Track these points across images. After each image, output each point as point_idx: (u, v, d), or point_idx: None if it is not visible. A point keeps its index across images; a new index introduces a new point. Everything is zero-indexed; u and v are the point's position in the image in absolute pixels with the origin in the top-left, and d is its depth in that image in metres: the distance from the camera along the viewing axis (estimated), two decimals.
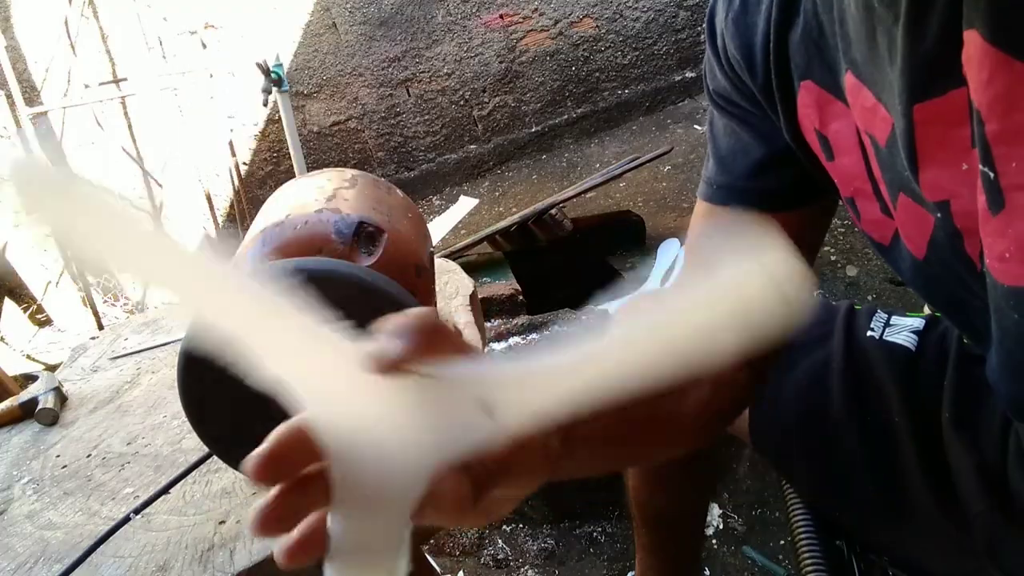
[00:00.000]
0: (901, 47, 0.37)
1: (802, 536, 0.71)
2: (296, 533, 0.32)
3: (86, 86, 2.93)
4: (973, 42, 0.33)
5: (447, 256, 2.06)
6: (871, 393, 0.67)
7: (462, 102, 3.46)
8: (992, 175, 0.34)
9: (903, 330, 0.70)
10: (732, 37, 0.52)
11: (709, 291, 0.28)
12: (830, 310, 0.75)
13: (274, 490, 0.32)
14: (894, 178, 0.43)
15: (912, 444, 0.62)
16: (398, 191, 0.83)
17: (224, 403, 0.64)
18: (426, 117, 3.44)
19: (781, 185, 0.55)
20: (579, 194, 2.33)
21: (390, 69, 3.33)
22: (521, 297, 1.89)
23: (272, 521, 0.31)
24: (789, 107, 0.50)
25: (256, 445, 0.70)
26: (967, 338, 0.57)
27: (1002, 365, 0.42)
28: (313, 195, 0.78)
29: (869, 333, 0.71)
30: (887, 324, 0.71)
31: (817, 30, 0.45)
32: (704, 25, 0.58)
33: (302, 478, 0.32)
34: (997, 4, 0.31)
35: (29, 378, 1.07)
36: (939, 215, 0.40)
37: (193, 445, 0.81)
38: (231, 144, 2.93)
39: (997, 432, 0.57)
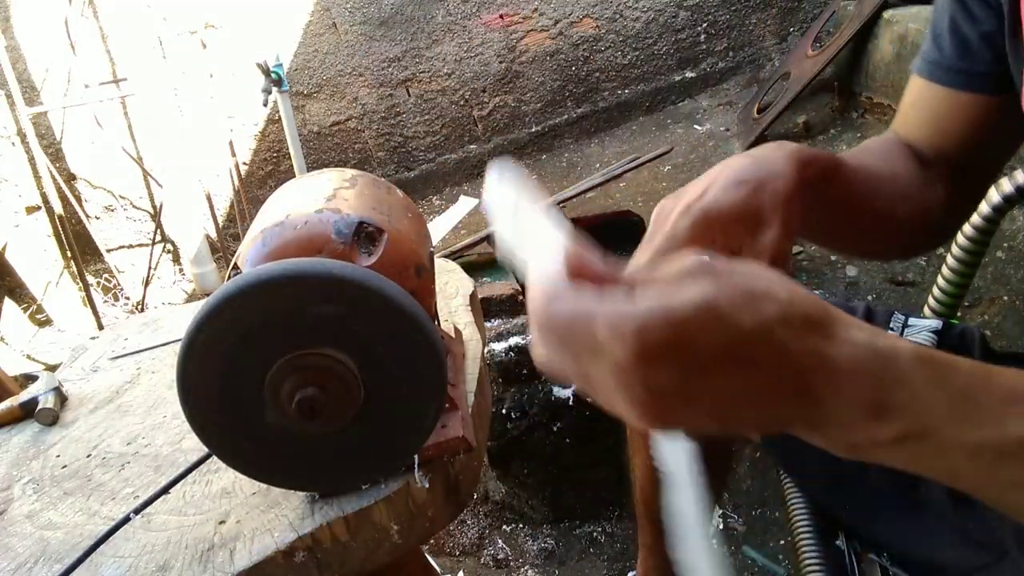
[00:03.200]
0: None
1: (802, 536, 0.71)
2: None
3: (86, 86, 2.93)
4: None
5: (447, 256, 2.06)
6: None
7: (462, 102, 3.46)
8: None
9: (922, 331, 0.70)
10: None
11: None
12: (847, 311, 0.75)
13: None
14: None
15: None
16: (398, 191, 0.83)
17: (223, 403, 0.64)
18: (426, 117, 3.44)
19: (986, 67, 0.58)
20: (579, 194, 2.33)
21: (390, 69, 3.33)
22: (521, 297, 1.89)
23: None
24: None
25: (255, 445, 0.70)
26: None
27: None
28: (313, 195, 0.78)
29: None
30: (905, 325, 0.72)
31: None
32: None
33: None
34: None
35: (29, 378, 1.07)
36: None
37: (193, 445, 0.81)
38: (231, 144, 2.93)
39: None
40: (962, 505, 0.60)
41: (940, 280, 0.98)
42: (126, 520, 0.68)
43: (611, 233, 2.44)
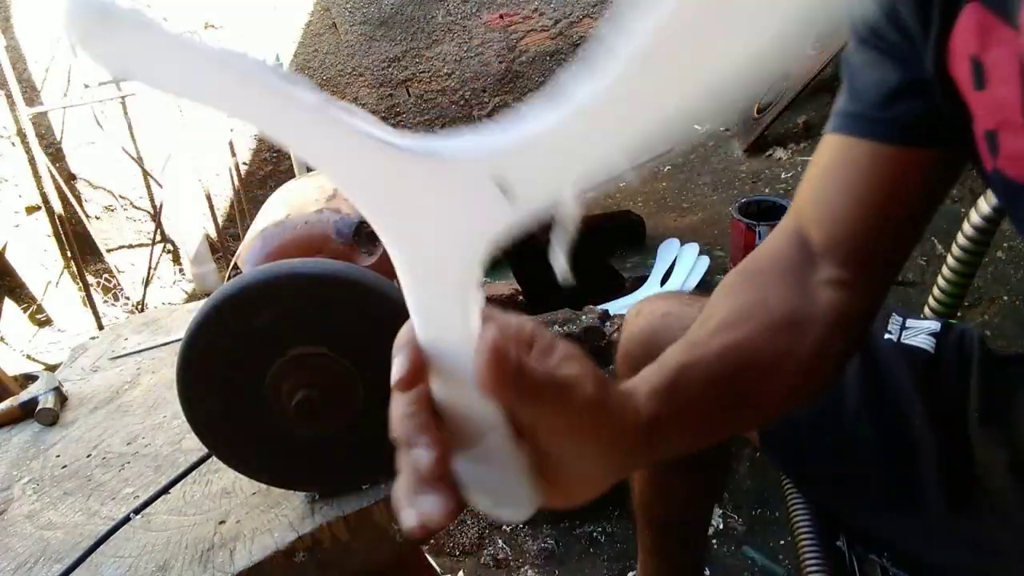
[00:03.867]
0: None
1: (802, 536, 0.71)
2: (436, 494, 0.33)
3: (86, 86, 2.93)
4: None
5: None
6: (889, 395, 0.67)
7: (462, 102, 3.46)
8: None
9: (920, 333, 0.70)
10: None
11: None
12: None
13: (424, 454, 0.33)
14: None
15: (931, 445, 0.63)
16: None
17: (223, 403, 0.64)
18: (426, 117, 3.44)
19: (912, 117, 0.53)
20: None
21: (390, 69, 3.33)
22: (521, 297, 1.89)
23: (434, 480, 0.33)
24: (944, 30, 0.48)
25: (254, 445, 0.70)
26: None
27: None
28: (313, 195, 0.78)
29: (887, 336, 0.71)
30: (903, 327, 0.71)
31: None
32: None
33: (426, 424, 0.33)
34: None
35: (29, 378, 1.07)
36: None
37: (193, 445, 0.81)
38: (231, 144, 2.93)
39: None
40: (959, 507, 0.60)
41: (940, 280, 0.98)
42: (126, 520, 0.68)
43: (611, 233, 2.44)
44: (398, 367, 0.33)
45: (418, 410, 0.33)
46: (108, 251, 3.04)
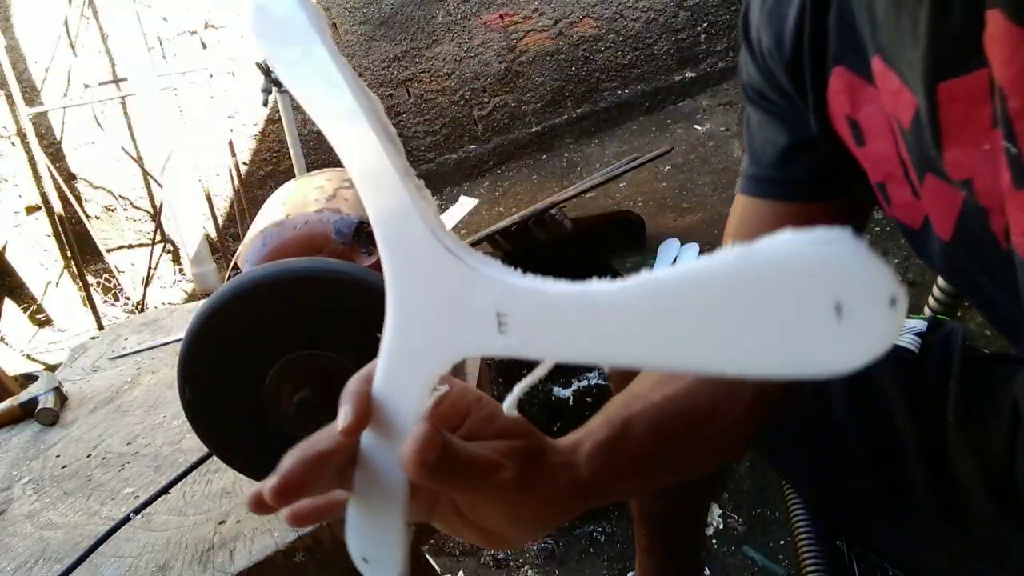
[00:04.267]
0: (926, 27, 0.38)
1: (802, 536, 0.71)
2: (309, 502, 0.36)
3: (86, 86, 2.93)
4: (995, 21, 0.34)
5: None
6: (873, 395, 0.67)
7: (462, 102, 3.46)
8: (1015, 151, 0.35)
9: (905, 332, 0.69)
10: (765, 28, 0.53)
11: (747, 267, 0.22)
12: None
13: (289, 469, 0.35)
14: (921, 159, 0.43)
15: (916, 446, 0.62)
16: None
17: (223, 402, 0.64)
18: (426, 117, 3.44)
19: (807, 174, 0.55)
20: (579, 194, 2.33)
21: (390, 69, 3.33)
22: None
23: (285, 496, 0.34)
24: (819, 94, 0.50)
25: (255, 445, 0.70)
26: (1000, 333, 0.57)
27: None
28: (313, 195, 0.78)
29: None
30: None
31: (850, 14, 0.46)
32: (739, 21, 0.58)
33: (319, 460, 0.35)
34: None
35: (29, 378, 1.07)
36: (966, 192, 0.41)
37: (193, 445, 0.81)
38: (231, 144, 2.93)
39: (1004, 435, 0.57)
40: (948, 512, 0.60)
41: (940, 280, 0.99)
42: (126, 520, 0.68)
43: (611, 233, 2.44)
44: (345, 416, 0.35)
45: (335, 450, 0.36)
46: (108, 251, 3.04)
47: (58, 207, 2.72)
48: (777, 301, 0.21)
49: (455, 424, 0.40)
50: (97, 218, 3.14)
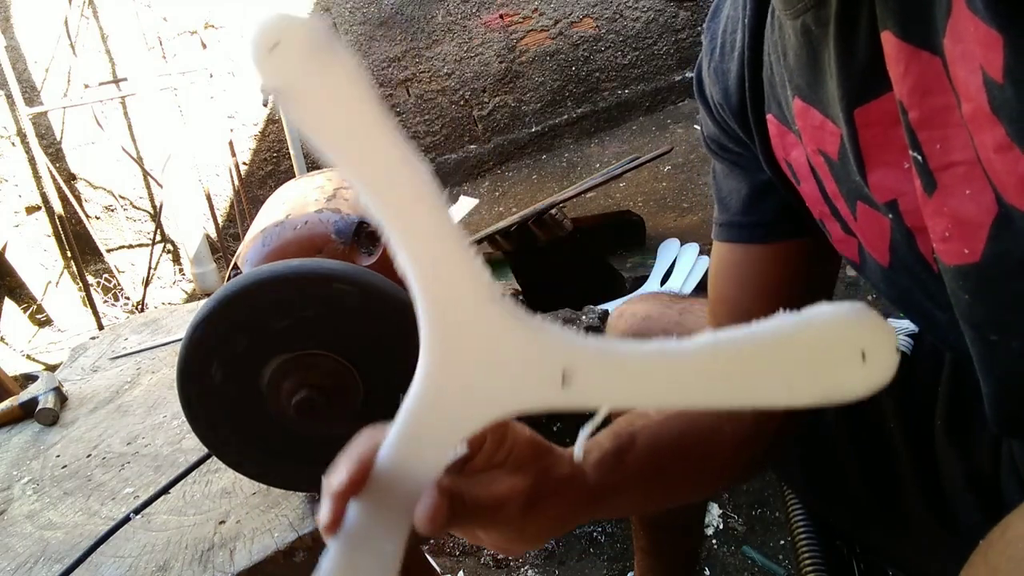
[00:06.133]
0: (836, 59, 0.40)
1: (802, 536, 0.71)
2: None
3: (86, 86, 2.93)
4: (889, 41, 0.36)
5: None
6: (865, 398, 0.66)
7: (462, 102, 3.46)
8: (921, 159, 0.37)
9: (898, 333, 0.69)
10: (714, 84, 0.57)
11: (796, 329, 0.29)
12: None
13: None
14: (850, 188, 0.45)
15: (905, 450, 0.62)
16: None
17: (223, 403, 0.64)
18: (426, 117, 3.44)
19: (775, 215, 0.57)
20: (579, 194, 2.32)
21: (390, 69, 3.33)
22: (521, 297, 1.89)
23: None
24: (764, 140, 0.53)
25: (254, 445, 0.69)
26: (953, 357, 0.58)
27: (979, 369, 0.42)
28: (313, 195, 0.78)
29: None
30: None
31: (769, 68, 0.49)
32: (693, 80, 0.62)
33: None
34: (902, 3, 0.34)
35: (29, 378, 1.07)
36: (891, 216, 0.42)
37: (193, 445, 0.81)
38: (231, 144, 2.93)
39: (990, 442, 0.57)
40: (940, 518, 0.60)
41: None
42: (126, 520, 0.68)
43: (611, 233, 2.44)
44: (342, 476, 0.33)
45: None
46: (108, 251, 3.04)
47: (58, 207, 2.72)
48: (821, 352, 0.29)
49: (472, 452, 0.40)
50: (97, 218, 3.14)
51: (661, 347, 0.30)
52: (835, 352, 0.29)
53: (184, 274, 3.21)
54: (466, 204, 3.18)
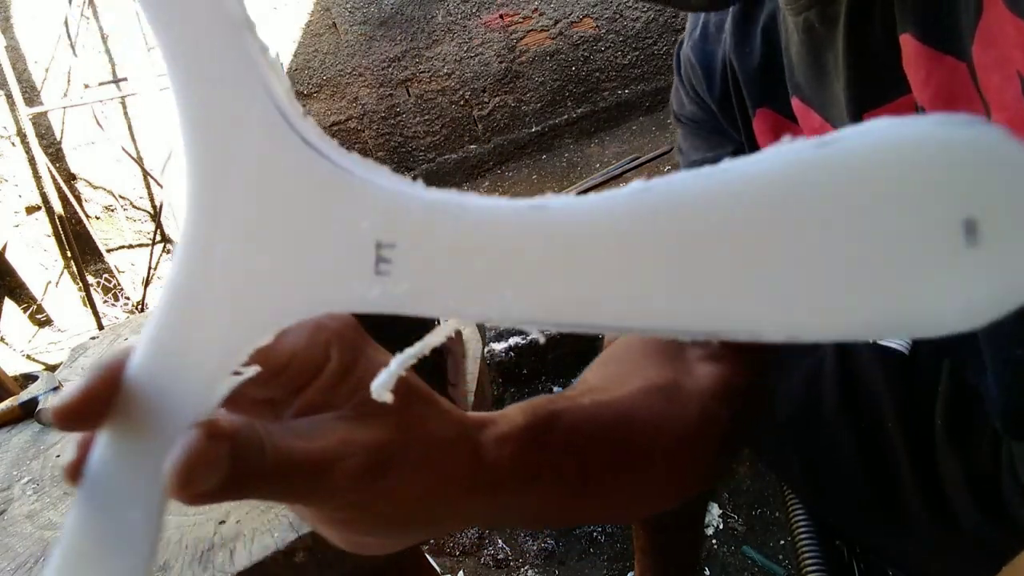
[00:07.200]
0: (844, 61, 0.38)
1: (802, 536, 0.71)
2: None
3: (86, 86, 2.93)
4: (908, 44, 0.34)
5: None
6: (864, 398, 0.66)
7: (462, 102, 3.46)
8: None
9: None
10: (695, 64, 0.56)
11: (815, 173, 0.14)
12: None
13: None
14: None
15: (905, 450, 0.62)
16: None
17: None
18: (426, 117, 3.44)
19: None
20: (579, 194, 2.33)
21: (390, 69, 3.33)
22: None
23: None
24: (748, 131, 0.53)
25: None
26: (953, 362, 0.58)
27: (991, 374, 0.42)
28: None
29: None
30: None
31: (768, 59, 0.48)
32: (674, 55, 0.62)
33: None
34: (924, 5, 0.33)
35: (29, 378, 1.07)
36: None
37: None
38: None
39: (989, 443, 0.57)
40: (940, 518, 0.60)
41: None
42: None
43: None
44: (67, 399, 0.22)
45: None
46: (108, 251, 3.04)
47: (58, 207, 2.72)
48: (870, 215, 0.13)
49: (297, 385, 0.27)
50: (97, 218, 3.14)
51: (556, 204, 0.18)
52: (905, 217, 0.13)
53: None
54: None
